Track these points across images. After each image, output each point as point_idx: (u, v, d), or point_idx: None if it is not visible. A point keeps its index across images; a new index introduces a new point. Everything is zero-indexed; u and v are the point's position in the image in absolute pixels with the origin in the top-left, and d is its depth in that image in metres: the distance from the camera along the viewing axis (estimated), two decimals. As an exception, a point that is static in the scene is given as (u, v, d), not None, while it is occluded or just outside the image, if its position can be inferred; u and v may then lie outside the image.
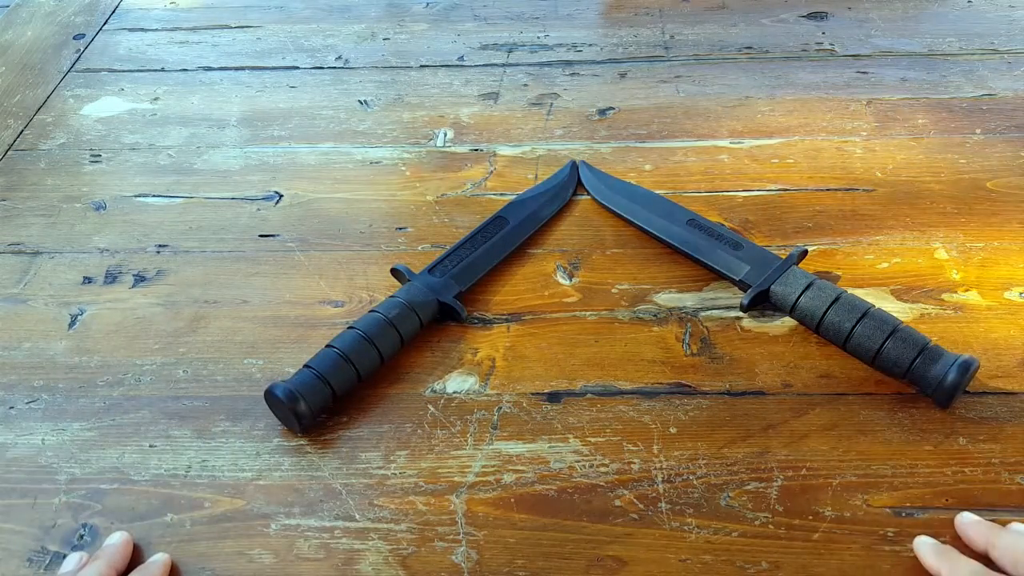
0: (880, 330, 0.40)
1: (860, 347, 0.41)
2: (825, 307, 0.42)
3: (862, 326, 0.40)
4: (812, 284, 0.43)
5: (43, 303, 0.48)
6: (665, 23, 0.70)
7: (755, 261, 0.45)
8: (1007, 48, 0.64)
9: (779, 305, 0.44)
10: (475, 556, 0.35)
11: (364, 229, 0.51)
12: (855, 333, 0.41)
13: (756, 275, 0.45)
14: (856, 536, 0.35)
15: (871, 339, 0.40)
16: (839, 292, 0.42)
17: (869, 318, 0.41)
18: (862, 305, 0.41)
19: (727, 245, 0.46)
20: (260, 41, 0.70)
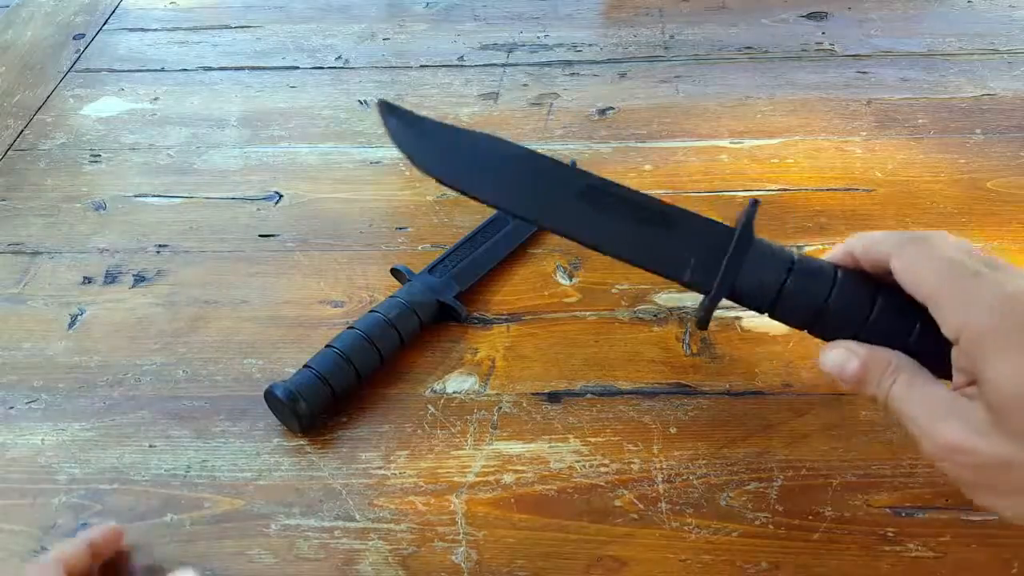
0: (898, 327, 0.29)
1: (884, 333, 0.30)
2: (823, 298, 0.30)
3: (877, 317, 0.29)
4: (794, 267, 0.30)
5: (43, 303, 0.48)
6: (665, 23, 0.70)
7: (699, 244, 0.30)
8: (1007, 48, 0.64)
9: (751, 306, 0.31)
10: (475, 556, 0.35)
11: (364, 229, 0.51)
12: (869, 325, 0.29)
13: (706, 269, 0.30)
14: (856, 536, 0.35)
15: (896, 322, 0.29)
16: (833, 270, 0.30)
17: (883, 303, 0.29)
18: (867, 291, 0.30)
19: (652, 224, 0.30)
20: (260, 41, 0.70)
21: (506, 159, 0.32)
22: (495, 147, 0.32)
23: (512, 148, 0.32)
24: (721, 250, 0.30)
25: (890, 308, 0.29)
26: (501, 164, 0.32)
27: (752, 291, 0.30)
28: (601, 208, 0.31)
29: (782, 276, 0.30)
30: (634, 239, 0.30)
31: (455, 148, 0.32)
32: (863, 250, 0.30)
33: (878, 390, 0.29)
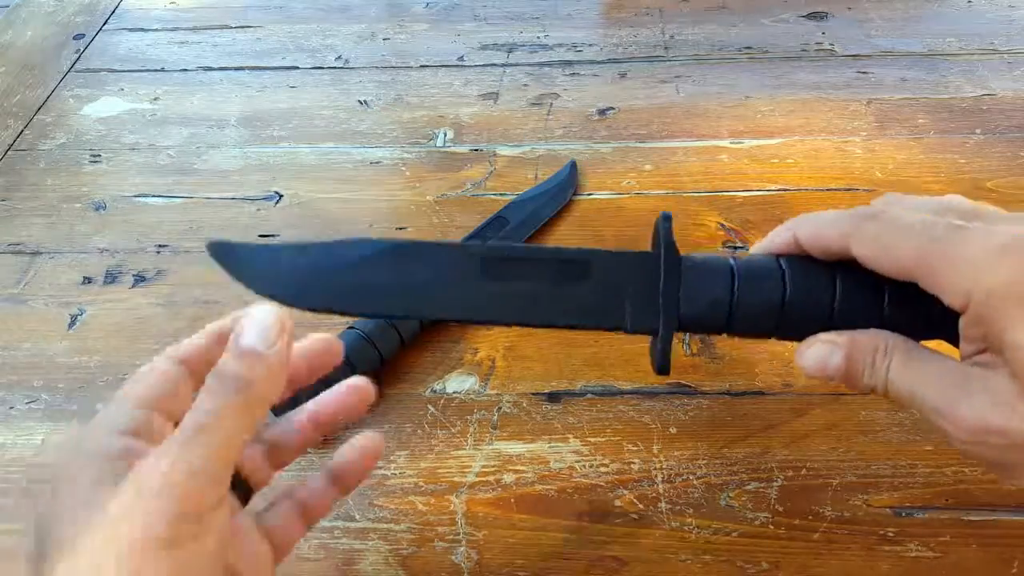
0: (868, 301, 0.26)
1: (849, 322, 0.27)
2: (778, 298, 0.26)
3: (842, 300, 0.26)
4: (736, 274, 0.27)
5: (43, 303, 0.48)
6: (665, 23, 0.70)
7: (627, 285, 0.26)
8: (1007, 48, 0.64)
9: (707, 330, 0.27)
10: (475, 556, 0.35)
11: (364, 229, 0.51)
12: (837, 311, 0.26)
13: (645, 310, 0.26)
14: (856, 536, 0.35)
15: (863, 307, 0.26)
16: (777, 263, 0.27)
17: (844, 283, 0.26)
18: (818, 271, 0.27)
19: (569, 279, 0.26)
20: (260, 41, 0.69)
21: (381, 257, 0.26)
22: (360, 249, 0.26)
23: (382, 244, 0.27)
24: (653, 283, 0.26)
25: (854, 286, 0.26)
26: (377, 265, 0.26)
27: (701, 316, 0.26)
28: (507, 279, 0.26)
29: (727, 289, 0.26)
30: (557, 302, 0.26)
31: (313, 266, 0.26)
32: (810, 237, 0.26)
33: (873, 378, 0.25)
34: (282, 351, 0.23)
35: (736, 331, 0.27)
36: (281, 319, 0.24)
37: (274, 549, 0.26)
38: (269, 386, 0.23)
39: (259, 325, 0.23)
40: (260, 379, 0.22)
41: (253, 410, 0.22)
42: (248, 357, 0.23)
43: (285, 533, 0.26)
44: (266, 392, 0.23)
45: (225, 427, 0.22)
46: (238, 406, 0.22)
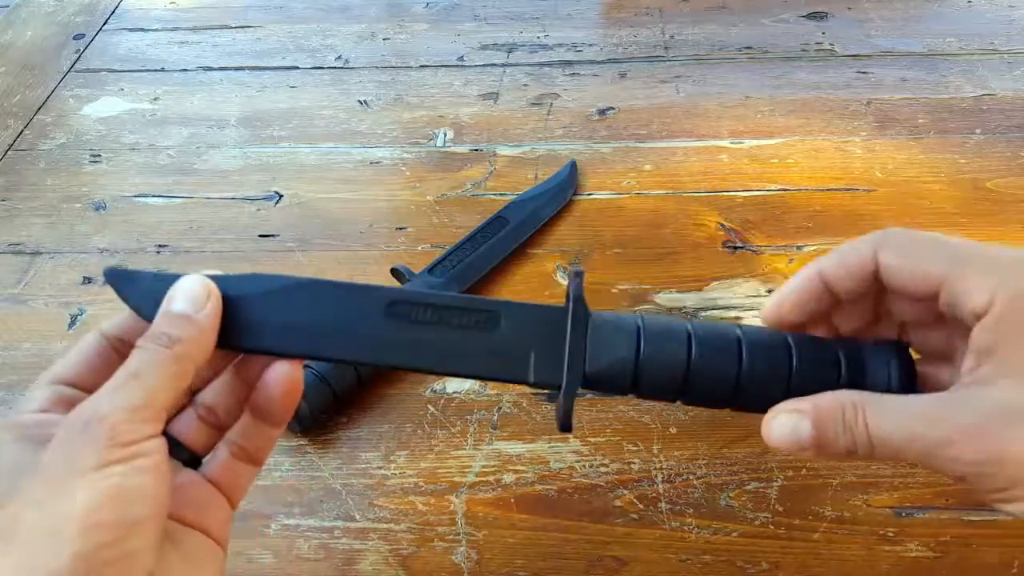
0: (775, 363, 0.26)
1: (757, 397, 0.26)
2: (680, 373, 0.26)
3: (750, 370, 0.26)
4: (640, 341, 0.26)
5: (43, 303, 0.48)
6: (665, 23, 0.70)
7: (534, 336, 0.26)
8: (1007, 48, 0.64)
9: (613, 389, 0.26)
10: (475, 556, 0.35)
11: (364, 229, 0.51)
12: (744, 384, 0.26)
13: (550, 362, 0.26)
14: (856, 536, 0.35)
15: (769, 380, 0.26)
16: (680, 328, 0.26)
17: (753, 355, 0.26)
18: (726, 335, 0.26)
19: (477, 328, 0.26)
20: (260, 41, 0.69)
21: (284, 294, 0.26)
22: (264, 285, 0.26)
23: (287, 281, 0.26)
24: (559, 338, 0.26)
25: (760, 349, 0.26)
26: (278, 303, 0.26)
27: (607, 374, 0.26)
28: (414, 325, 0.26)
29: (633, 348, 0.26)
30: (463, 351, 0.26)
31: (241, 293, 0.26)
32: (835, 264, 0.26)
33: (852, 438, 0.23)
34: (210, 313, 0.24)
35: (643, 393, 0.26)
36: (208, 287, 0.25)
37: (226, 495, 0.27)
38: (197, 344, 0.24)
39: (187, 292, 0.24)
40: (188, 337, 0.24)
41: (181, 363, 0.23)
42: (177, 319, 0.24)
43: (231, 476, 0.27)
44: (194, 349, 0.24)
45: (154, 375, 0.23)
46: (167, 358, 0.23)
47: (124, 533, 0.20)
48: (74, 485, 0.20)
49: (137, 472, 0.21)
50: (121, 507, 0.20)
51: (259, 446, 0.27)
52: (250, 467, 0.28)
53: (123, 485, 0.21)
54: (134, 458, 0.21)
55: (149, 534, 0.21)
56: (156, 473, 0.22)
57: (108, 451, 0.21)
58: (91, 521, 0.20)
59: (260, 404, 0.27)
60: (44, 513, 0.20)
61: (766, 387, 0.25)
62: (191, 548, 0.25)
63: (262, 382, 0.26)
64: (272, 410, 0.27)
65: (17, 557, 0.20)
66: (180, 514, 0.25)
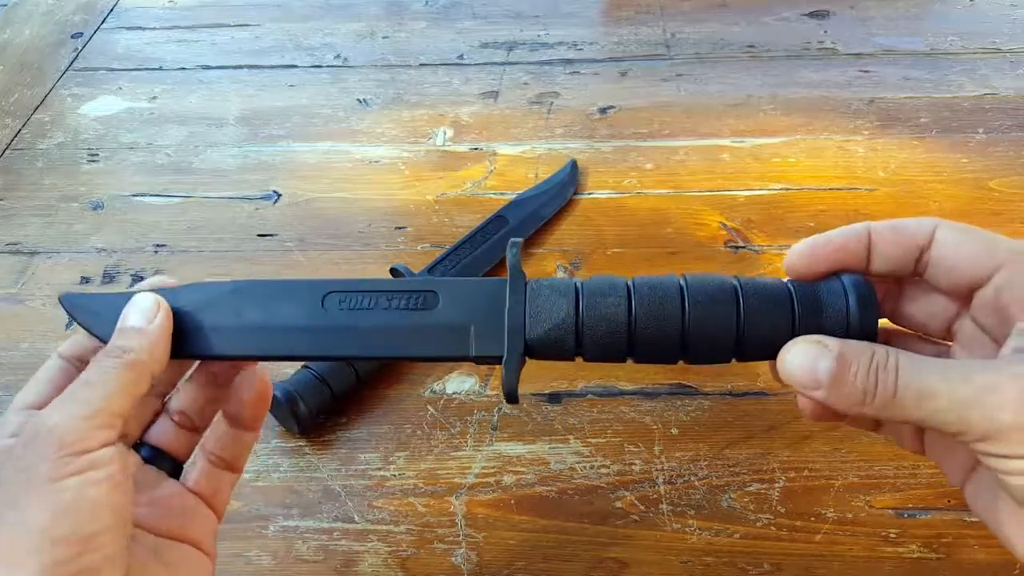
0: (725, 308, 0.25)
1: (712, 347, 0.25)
2: (622, 330, 0.25)
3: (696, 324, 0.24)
4: (579, 302, 0.25)
5: (41, 303, 0.47)
6: (666, 22, 0.69)
7: (474, 310, 0.26)
8: (1009, 47, 0.64)
9: (559, 354, 0.26)
10: (475, 558, 0.35)
11: (363, 228, 0.51)
12: (692, 338, 0.25)
13: (491, 334, 0.25)
14: (858, 537, 0.35)
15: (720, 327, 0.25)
16: (622, 284, 0.25)
17: (698, 303, 0.25)
18: (669, 284, 0.25)
19: (416, 307, 0.26)
20: (259, 40, 0.69)
21: (223, 299, 0.26)
22: (203, 293, 0.26)
23: (224, 286, 0.26)
24: (499, 310, 0.25)
25: (704, 298, 0.25)
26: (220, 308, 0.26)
27: (549, 337, 0.25)
28: (353, 312, 0.26)
29: (572, 309, 0.25)
30: (404, 335, 0.25)
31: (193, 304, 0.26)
32: (891, 225, 0.25)
33: (874, 381, 0.22)
34: (161, 324, 0.25)
35: (589, 355, 0.25)
36: (158, 301, 0.25)
37: (209, 505, 0.27)
38: (149, 352, 0.24)
39: (139, 308, 0.25)
40: (141, 347, 0.24)
41: (133, 372, 0.23)
42: (129, 332, 0.24)
43: (212, 484, 0.27)
44: (146, 357, 0.24)
45: (106, 384, 0.23)
46: (120, 366, 0.23)
47: (82, 548, 0.20)
48: (29, 499, 0.20)
49: (92, 484, 0.21)
50: (78, 520, 0.20)
51: (236, 452, 0.28)
52: (230, 474, 0.28)
53: (78, 497, 0.20)
54: (88, 469, 0.21)
55: (109, 545, 0.21)
56: (112, 483, 0.21)
57: (61, 462, 0.21)
58: (47, 537, 0.20)
59: (232, 410, 0.27)
60: (2, 530, 0.20)
61: (715, 336, 0.24)
62: (178, 562, 0.25)
63: (232, 389, 0.27)
64: (244, 415, 0.27)
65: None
66: (165, 527, 0.25)
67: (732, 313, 0.24)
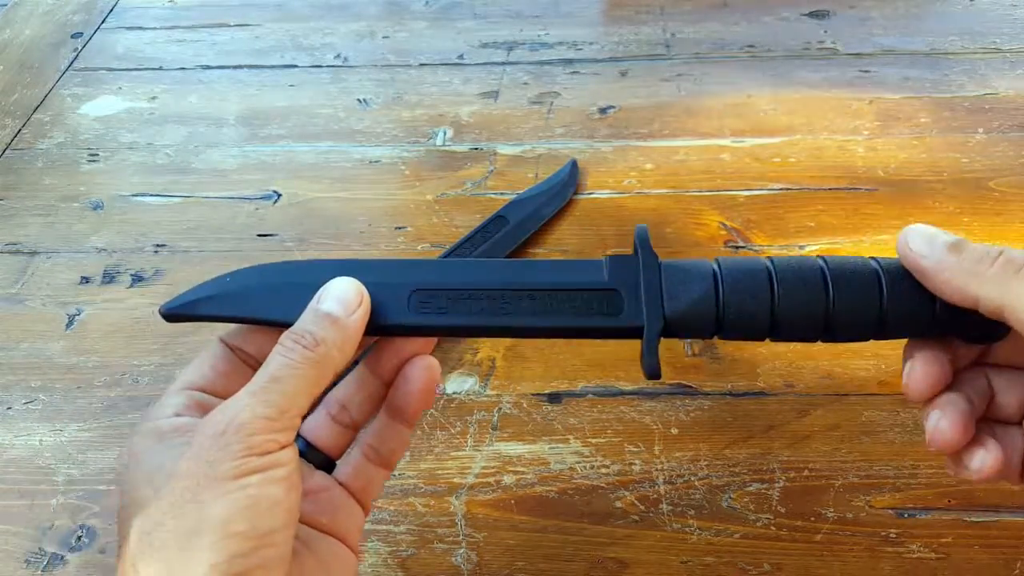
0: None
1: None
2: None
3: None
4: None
5: (40, 303, 0.47)
6: (666, 21, 0.69)
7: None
8: (1010, 47, 0.64)
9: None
10: (475, 558, 0.35)
11: (363, 228, 0.51)
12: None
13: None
14: (858, 537, 0.35)
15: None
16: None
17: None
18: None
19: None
20: (258, 40, 0.69)
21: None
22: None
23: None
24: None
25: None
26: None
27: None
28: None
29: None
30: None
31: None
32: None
33: (991, 261, 0.23)
34: (357, 319, 0.24)
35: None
36: (360, 291, 0.24)
37: (358, 500, 0.26)
38: (340, 350, 0.23)
39: (338, 294, 0.24)
40: (333, 341, 0.23)
41: (321, 369, 0.23)
42: (324, 320, 0.23)
43: (363, 480, 0.27)
44: (336, 355, 0.23)
45: (293, 380, 0.22)
46: (308, 361, 0.23)
47: (258, 543, 0.20)
48: (211, 493, 0.20)
49: (271, 482, 0.21)
50: (256, 517, 0.20)
51: (392, 447, 0.27)
52: (382, 470, 0.27)
53: (258, 496, 0.21)
54: (269, 468, 0.21)
55: (281, 543, 0.21)
56: (289, 483, 0.22)
57: (245, 461, 0.21)
58: (227, 532, 0.20)
59: (396, 401, 0.26)
60: (181, 520, 0.20)
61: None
62: (326, 555, 0.25)
63: (400, 377, 0.26)
64: (408, 407, 0.26)
65: (156, 564, 0.20)
66: (315, 520, 0.25)
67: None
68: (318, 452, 0.26)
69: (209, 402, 0.24)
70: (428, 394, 0.26)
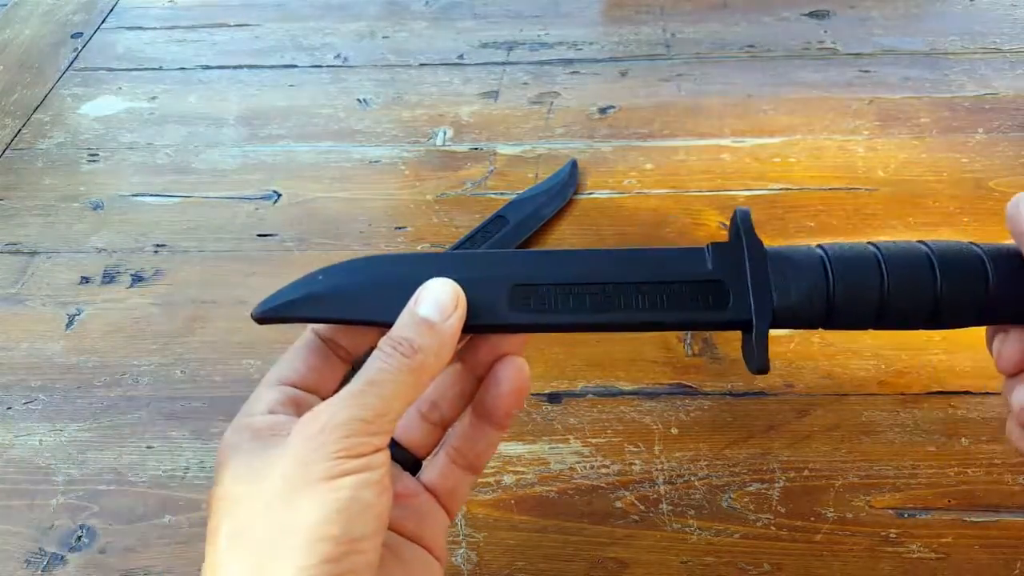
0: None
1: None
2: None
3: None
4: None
5: (40, 303, 0.47)
6: (666, 21, 0.69)
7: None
8: (1010, 47, 0.64)
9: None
10: (475, 558, 0.35)
11: (363, 228, 0.51)
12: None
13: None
14: (858, 537, 0.35)
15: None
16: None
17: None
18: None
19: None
20: (258, 39, 0.69)
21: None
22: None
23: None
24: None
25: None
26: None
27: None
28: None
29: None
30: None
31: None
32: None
33: None
34: (454, 324, 0.24)
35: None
36: (457, 294, 0.24)
37: (443, 504, 0.26)
38: (437, 356, 0.23)
39: (435, 297, 0.24)
40: (429, 347, 0.23)
41: (419, 375, 0.23)
42: (421, 325, 0.23)
43: (449, 484, 0.26)
44: (433, 361, 0.23)
45: (391, 385, 0.22)
46: (406, 368, 0.22)
47: (348, 549, 0.20)
48: (304, 495, 0.20)
49: (364, 486, 0.21)
50: (348, 522, 0.20)
51: (479, 451, 0.26)
52: (469, 475, 0.27)
53: (351, 499, 0.20)
54: (363, 471, 0.21)
55: (371, 550, 0.21)
56: (380, 487, 0.21)
57: (340, 463, 0.20)
58: (317, 535, 0.20)
59: (486, 402, 0.26)
60: (273, 521, 0.20)
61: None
62: (412, 562, 0.24)
63: (490, 378, 0.25)
64: (498, 409, 0.25)
65: (245, 563, 0.20)
66: (400, 525, 0.24)
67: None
68: (406, 451, 0.26)
69: (302, 398, 0.24)
70: (518, 396, 0.25)
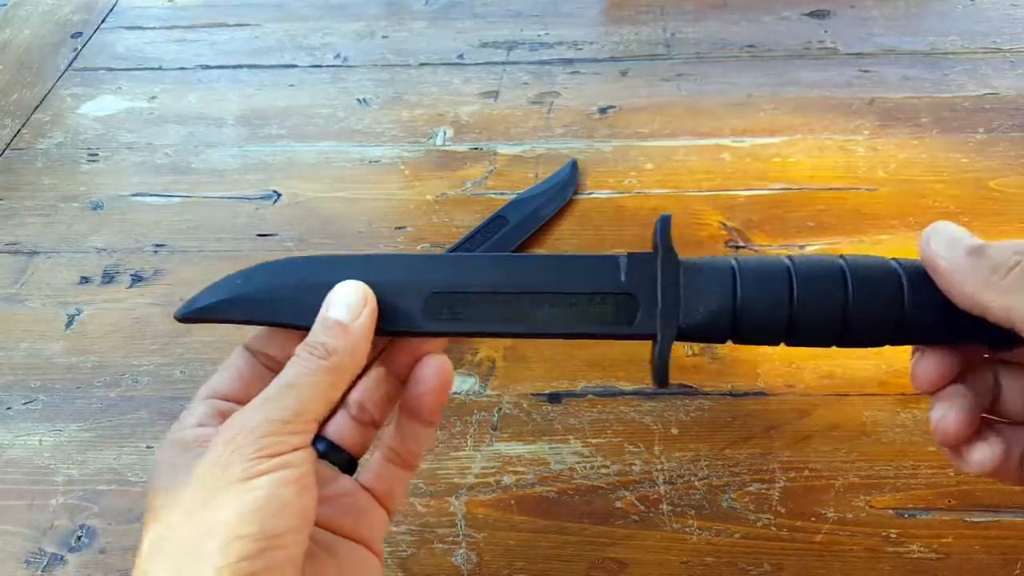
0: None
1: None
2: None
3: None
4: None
5: (40, 303, 0.47)
6: (666, 21, 0.69)
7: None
8: (1010, 47, 0.64)
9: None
10: (475, 558, 0.35)
11: (363, 228, 0.51)
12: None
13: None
14: (859, 537, 0.35)
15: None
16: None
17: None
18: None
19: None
20: (258, 39, 0.69)
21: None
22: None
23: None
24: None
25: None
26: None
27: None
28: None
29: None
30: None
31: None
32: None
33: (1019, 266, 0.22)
34: (364, 323, 0.24)
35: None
36: (366, 294, 0.24)
37: (381, 501, 0.27)
38: (351, 355, 0.24)
39: (345, 299, 0.24)
40: (344, 348, 0.23)
41: (336, 375, 0.23)
42: (334, 328, 0.24)
43: (385, 482, 0.27)
44: (348, 361, 0.24)
45: (308, 387, 0.23)
46: (322, 369, 0.23)
47: (266, 545, 0.20)
48: (221, 496, 0.20)
49: (282, 484, 0.21)
50: (265, 520, 0.20)
51: (412, 448, 0.27)
52: (404, 472, 0.27)
53: (268, 497, 0.21)
54: (279, 469, 0.21)
55: (292, 545, 0.21)
56: (300, 484, 0.22)
57: (256, 463, 0.21)
58: (234, 533, 0.20)
59: (411, 402, 0.26)
60: (193, 525, 0.20)
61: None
62: (348, 559, 0.25)
63: (412, 378, 0.26)
64: (422, 407, 0.26)
65: (165, 569, 0.20)
66: (338, 524, 0.25)
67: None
68: (341, 452, 0.27)
69: (232, 410, 0.24)
70: (440, 394, 0.26)
